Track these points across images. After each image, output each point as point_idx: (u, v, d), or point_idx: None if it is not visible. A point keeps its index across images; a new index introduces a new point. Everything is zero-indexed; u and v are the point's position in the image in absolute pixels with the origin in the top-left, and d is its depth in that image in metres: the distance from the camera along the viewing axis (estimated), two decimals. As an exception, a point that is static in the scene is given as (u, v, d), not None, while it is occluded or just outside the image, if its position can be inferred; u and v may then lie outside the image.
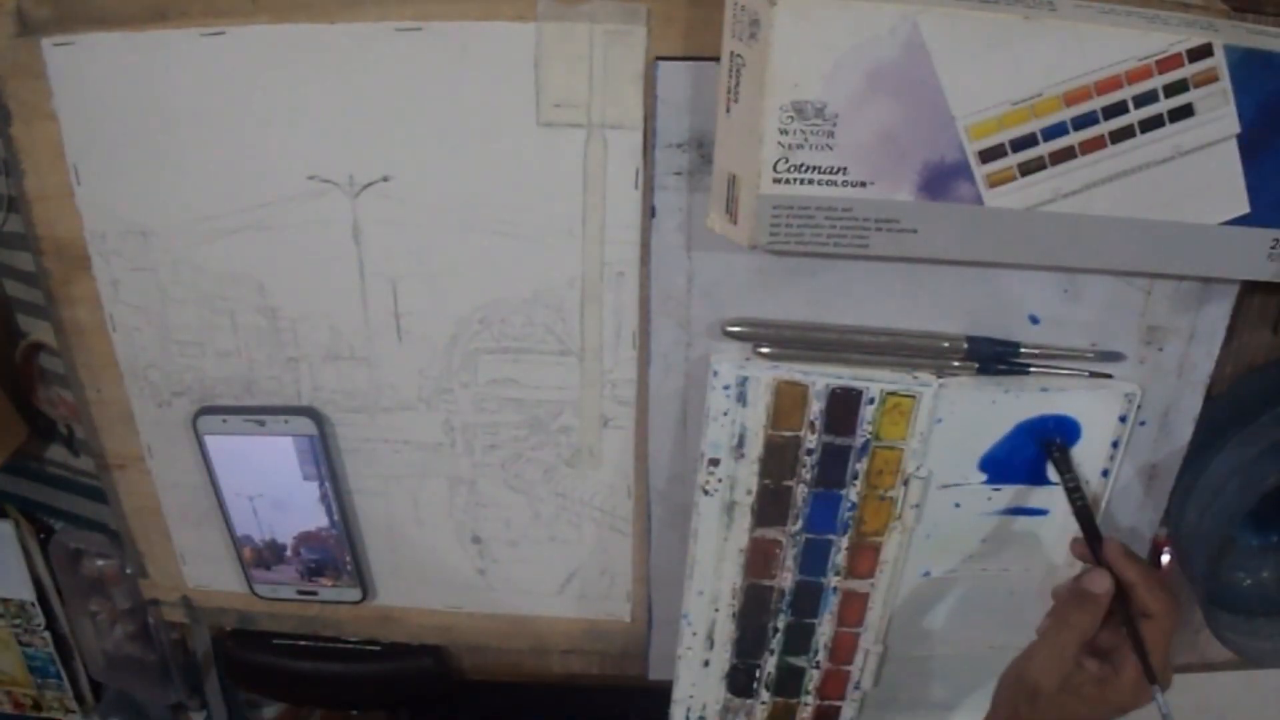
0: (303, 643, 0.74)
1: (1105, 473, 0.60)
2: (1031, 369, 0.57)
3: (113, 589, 0.90)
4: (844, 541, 0.61)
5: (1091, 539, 0.57)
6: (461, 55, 0.52)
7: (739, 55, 0.46)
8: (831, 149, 0.46)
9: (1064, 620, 0.55)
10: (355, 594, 0.69)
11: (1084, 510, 0.58)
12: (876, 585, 0.63)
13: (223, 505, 0.66)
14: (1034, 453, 0.59)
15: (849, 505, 0.60)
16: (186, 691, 0.95)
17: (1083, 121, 0.46)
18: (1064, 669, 0.54)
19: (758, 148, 0.46)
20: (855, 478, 0.59)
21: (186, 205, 0.57)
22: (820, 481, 0.60)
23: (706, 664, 0.67)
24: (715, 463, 0.59)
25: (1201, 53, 0.45)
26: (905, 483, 0.60)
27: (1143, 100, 0.46)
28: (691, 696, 0.68)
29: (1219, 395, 0.59)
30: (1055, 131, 0.46)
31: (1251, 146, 0.47)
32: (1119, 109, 0.46)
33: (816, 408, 0.57)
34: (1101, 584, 0.54)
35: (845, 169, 0.47)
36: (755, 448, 0.59)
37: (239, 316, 0.61)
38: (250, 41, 0.53)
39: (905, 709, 0.70)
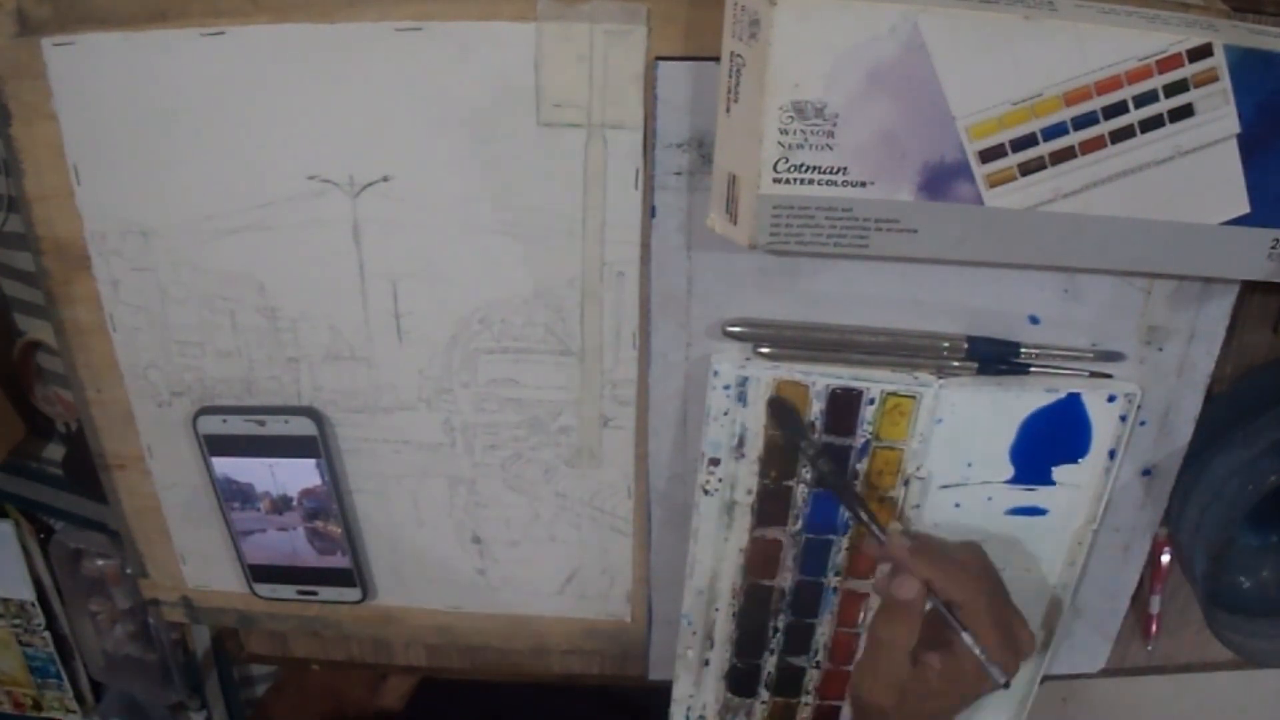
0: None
1: (1105, 472, 0.60)
2: (1032, 369, 0.57)
3: (113, 589, 0.90)
4: (844, 541, 0.61)
5: (873, 537, 0.55)
6: (461, 55, 0.52)
7: (739, 55, 0.46)
8: (831, 149, 0.46)
9: (878, 637, 0.53)
10: (355, 594, 0.69)
11: (851, 499, 0.56)
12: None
13: (222, 505, 0.66)
14: (1036, 450, 0.59)
15: (849, 505, 0.60)
16: (186, 691, 0.96)
17: (1083, 121, 0.46)
18: (898, 681, 0.52)
19: (758, 148, 0.46)
20: (855, 478, 0.59)
21: (186, 205, 0.57)
22: (821, 482, 0.60)
23: (706, 664, 0.67)
24: (715, 463, 0.59)
25: (1201, 53, 0.45)
26: (906, 483, 0.60)
27: (1143, 100, 0.46)
28: (691, 696, 0.68)
29: (1219, 395, 0.59)
30: (1055, 131, 0.46)
31: (1251, 146, 0.47)
32: (1119, 109, 0.46)
33: (816, 408, 0.57)
34: (908, 589, 0.52)
35: (845, 169, 0.47)
36: (755, 448, 0.59)
37: (239, 316, 0.61)
38: (250, 41, 0.53)
39: (905, 709, 0.70)
